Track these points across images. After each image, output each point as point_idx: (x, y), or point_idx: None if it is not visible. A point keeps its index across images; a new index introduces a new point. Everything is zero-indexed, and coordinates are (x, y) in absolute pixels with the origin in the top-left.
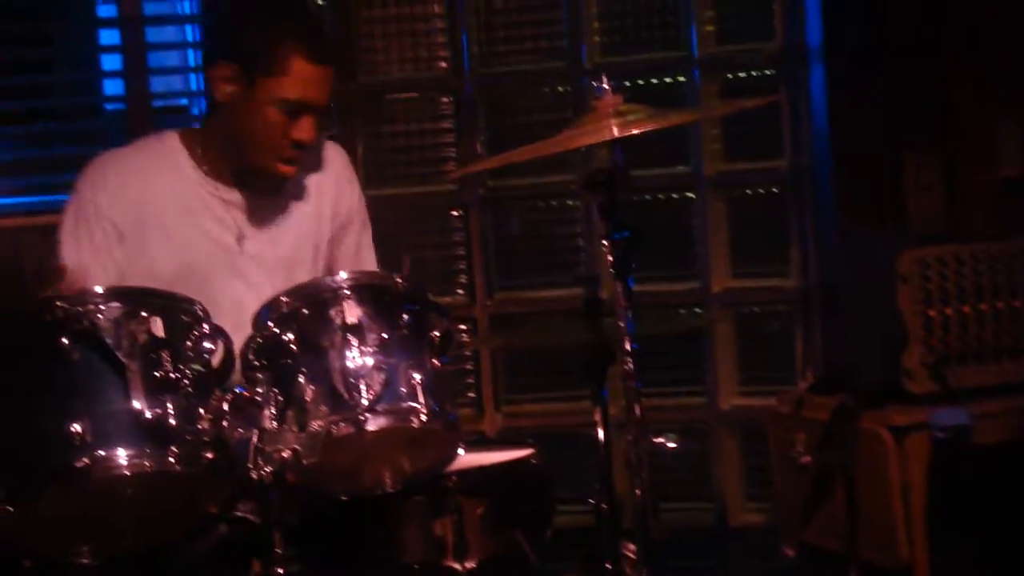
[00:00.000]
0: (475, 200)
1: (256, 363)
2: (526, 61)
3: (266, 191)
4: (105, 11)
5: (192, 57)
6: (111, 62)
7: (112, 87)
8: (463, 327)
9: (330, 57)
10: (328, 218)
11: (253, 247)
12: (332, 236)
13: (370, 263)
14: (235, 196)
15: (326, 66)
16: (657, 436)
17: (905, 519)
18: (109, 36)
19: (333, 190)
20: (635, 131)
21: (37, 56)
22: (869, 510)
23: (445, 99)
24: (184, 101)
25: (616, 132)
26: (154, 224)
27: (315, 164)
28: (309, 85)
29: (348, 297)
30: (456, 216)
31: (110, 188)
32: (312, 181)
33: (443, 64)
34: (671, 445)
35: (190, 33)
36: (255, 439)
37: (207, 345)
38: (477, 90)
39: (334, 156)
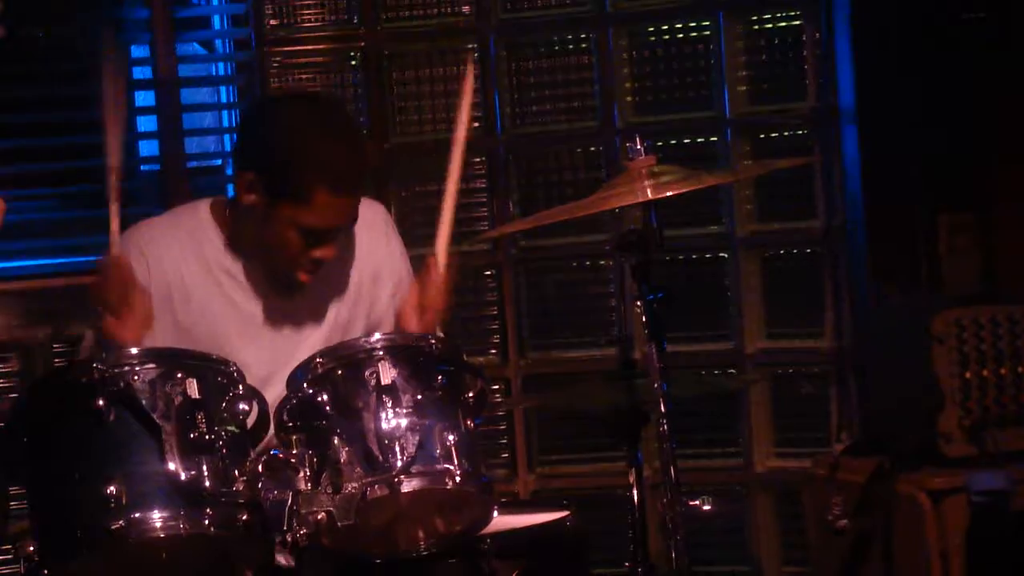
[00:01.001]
0: (508, 260)
1: (291, 424)
2: (558, 121)
3: (286, 291)
4: (140, 73)
5: (227, 118)
6: (146, 123)
7: (147, 148)
8: (495, 387)
9: (358, 185)
10: (363, 282)
11: (275, 319)
12: (372, 297)
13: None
14: (257, 277)
15: (353, 196)
16: (692, 499)
17: None
18: (145, 98)
19: (367, 253)
20: (669, 193)
21: (74, 118)
22: (907, 574)
23: (478, 159)
24: (218, 162)
25: (650, 194)
26: (183, 296)
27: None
28: (331, 215)
29: (383, 358)
30: (489, 276)
31: (138, 263)
32: (346, 247)
33: (475, 124)
34: (706, 507)
35: (224, 95)
36: (290, 501)
37: (242, 407)
38: (509, 150)
39: (369, 216)
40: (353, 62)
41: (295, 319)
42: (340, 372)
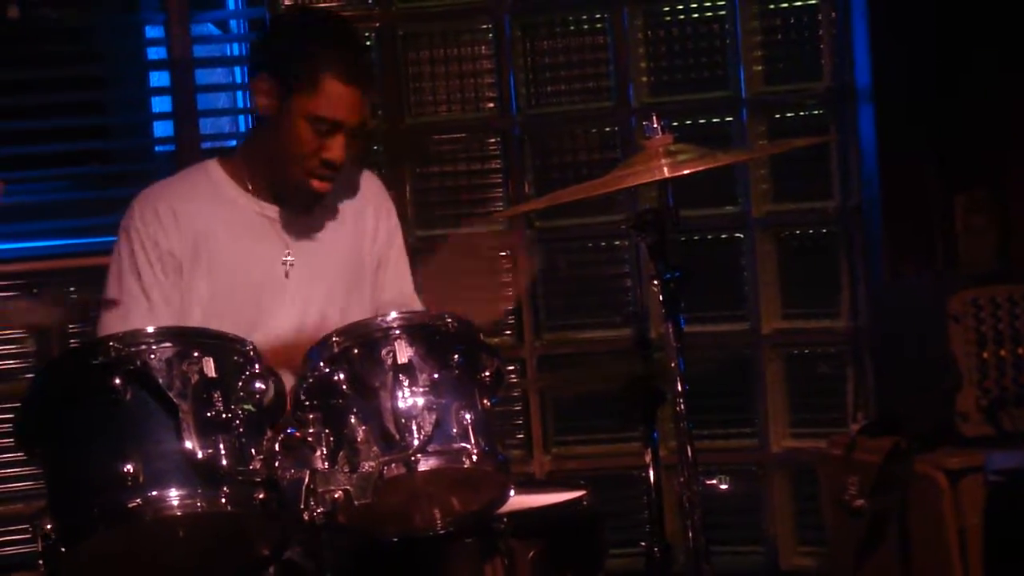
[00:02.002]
0: (523, 240)
1: (307, 403)
2: (573, 101)
3: (304, 209)
4: (155, 53)
5: (241, 99)
6: (161, 104)
7: (162, 129)
8: (511, 368)
9: (363, 78)
10: (369, 241)
11: (297, 263)
12: (377, 262)
13: (407, 286)
14: (277, 212)
15: (358, 87)
16: (709, 478)
17: (962, 564)
18: (159, 78)
19: (372, 216)
20: (686, 171)
21: (89, 99)
22: (924, 554)
23: (492, 140)
24: (233, 143)
25: (667, 172)
26: (206, 250)
27: (352, 190)
28: (340, 104)
29: (399, 337)
30: (504, 256)
31: (163, 221)
32: (350, 206)
33: (491, 105)
34: (723, 486)
35: (239, 75)
36: (307, 480)
37: (258, 385)
38: (525, 130)
39: (370, 184)
40: (368, 42)
41: (319, 258)
42: (357, 351)
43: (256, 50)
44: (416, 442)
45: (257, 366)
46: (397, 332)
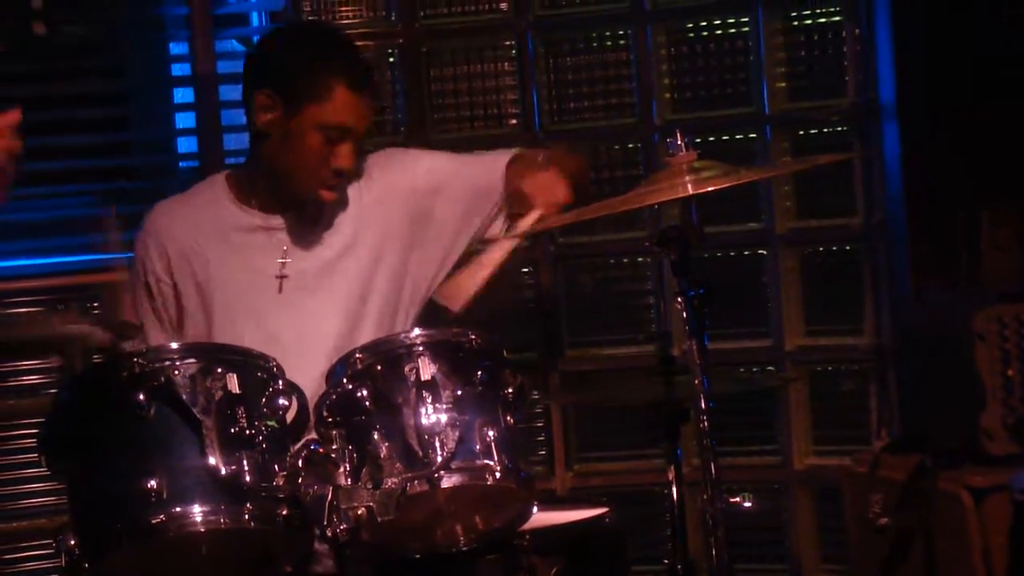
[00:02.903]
0: (546, 257)
1: (330, 420)
2: (596, 118)
3: (310, 218)
4: (179, 70)
5: None
6: (185, 120)
7: (186, 145)
8: (535, 392)
9: (370, 85)
10: (379, 236)
11: (296, 274)
12: (431, 209)
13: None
14: (279, 222)
15: (366, 93)
16: (733, 496)
17: None
18: (183, 94)
19: (379, 205)
20: (710, 188)
21: (113, 115)
22: (948, 573)
23: None
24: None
25: (691, 189)
26: (200, 270)
27: (355, 192)
28: (350, 111)
29: (422, 354)
30: (527, 272)
31: (159, 244)
32: (353, 209)
33: (513, 121)
34: (747, 504)
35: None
36: (330, 496)
37: (282, 401)
38: (548, 147)
39: (373, 168)
40: (391, 59)
41: (322, 276)
42: (380, 367)
43: (253, 67)
44: (439, 459)
45: (280, 382)
46: (420, 349)
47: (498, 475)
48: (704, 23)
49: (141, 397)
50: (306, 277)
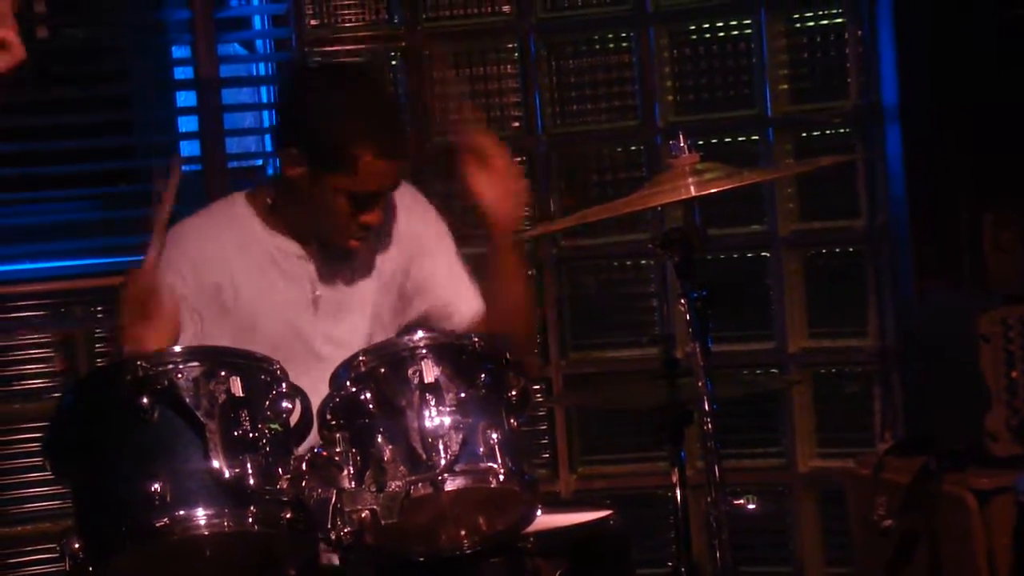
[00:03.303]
0: (549, 260)
1: (334, 423)
2: (599, 120)
3: (339, 257)
4: (181, 73)
5: (267, 118)
6: (187, 124)
7: (188, 149)
8: (537, 388)
9: (402, 150)
10: (404, 261)
11: (327, 300)
12: (412, 276)
13: (461, 279)
14: (304, 250)
15: (395, 159)
16: (737, 498)
17: None
18: (186, 98)
19: (406, 233)
20: (713, 190)
21: (115, 119)
22: (953, 575)
23: (518, 159)
24: (259, 162)
25: (694, 191)
26: (229, 292)
27: (389, 214)
28: (377, 179)
29: (426, 356)
30: (529, 276)
31: (181, 268)
32: (383, 235)
33: (516, 124)
34: (751, 507)
35: (265, 95)
36: (334, 499)
37: (285, 405)
38: (550, 149)
39: (403, 200)
40: (394, 62)
41: (350, 293)
42: (383, 370)
43: (282, 116)
44: (443, 462)
45: (284, 385)
46: (424, 351)
47: (502, 478)
48: (707, 25)
49: (145, 401)
50: (339, 302)
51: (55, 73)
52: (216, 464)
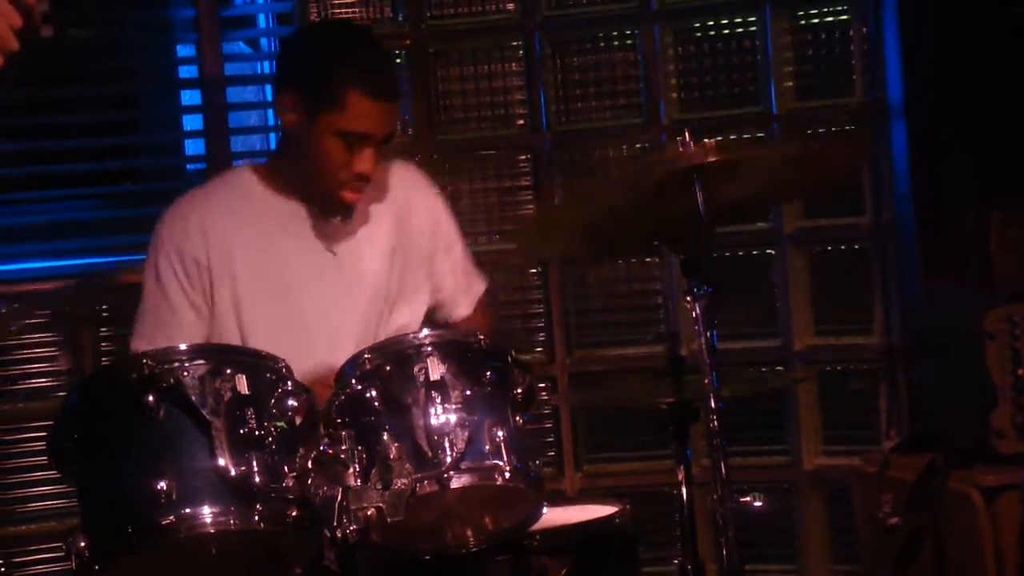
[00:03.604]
0: (553, 257)
1: (340, 420)
2: (604, 118)
3: (336, 216)
4: (186, 72)
5: (272, 117)
6: (192, 122)
7: (193, 147)
8: (542, 385)
9: (390, 91)
10: (416, 233)
11: (342, 253)
12: (428, 253)
13: (466, 276)
14: (310, 212)
15: (385, 100)
16: (743, 495)
17: None
18: (191, 96)
19: (412, 207)
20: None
21: (120, 118)
22: (959, 573)
23: (523, 156)
24: (264, 160)
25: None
26: (240, 255)
27: (384, 188)
28: (367, 119)
29: (431, 354)
30: (534, 274)
31: (190, 230)
32: (386, 204)
33: (521, 122)
34: (757, 504)
35: (270, 93)
36: (340, 497)
37: (291, 403)
38: (555, 147)
39: (405, 174)
40: (399, 60)
41: (355, 262)
42: (389, 368)
43: (279, 67)
44: (449, 459)
45: (290, 383)
46: (429, 349)
47: (508, 475)
48: (711, 22)
49: (150, 399)
50: (351, 265)
51: (60, 72)
52: (222, 462)
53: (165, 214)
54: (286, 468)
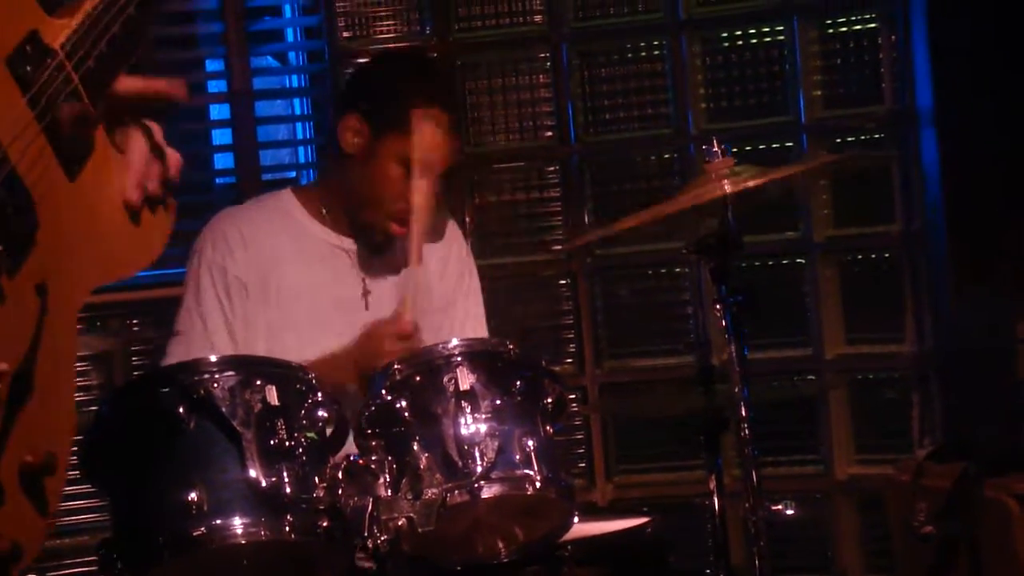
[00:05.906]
0: (583, 269)
1: (370, 431)
2: (632, 128)
3: (378, 249)
4: (215, 86)
5: (301, 130)
6: (221, 136)
7: (222, 161)
8: (572, 396)
9: (455, 125)
10: (439, 279)
11: (376, 300)
12: (446, 300)
13: (474, 323)
14: (352, 244)
15: (450, 132)
16: (775, 503)
17: None
18: (219, 111)
19: (447, 257)
20: (749, 184)
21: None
22: None
23: (551, 168)
24: (293, 174)
25: (728, 189)
26: (276, 277)
27: (433, 233)
28: (432, 147)
29: (461, 364)
30: (564, 285)
31: (231, 246)
32: (429, 248)
33: (549, 133)
34: (789, 512)
35: (298, 107)
36: (370, 507)
37: (321, 413)
38: (583, 158)
39: (451, 229)
40: None
41: (385, 304)
42: (418, 378)
43: (348, 88)
44: (479, 469)
45: (320, 394)
46: (459, 359)
47: (538, 485)
48: (739, 32)
49: (181, 411)
50: (383, 302)
51: None
52: (252, 473)
53: (206, 229)
54: (316, 479)
